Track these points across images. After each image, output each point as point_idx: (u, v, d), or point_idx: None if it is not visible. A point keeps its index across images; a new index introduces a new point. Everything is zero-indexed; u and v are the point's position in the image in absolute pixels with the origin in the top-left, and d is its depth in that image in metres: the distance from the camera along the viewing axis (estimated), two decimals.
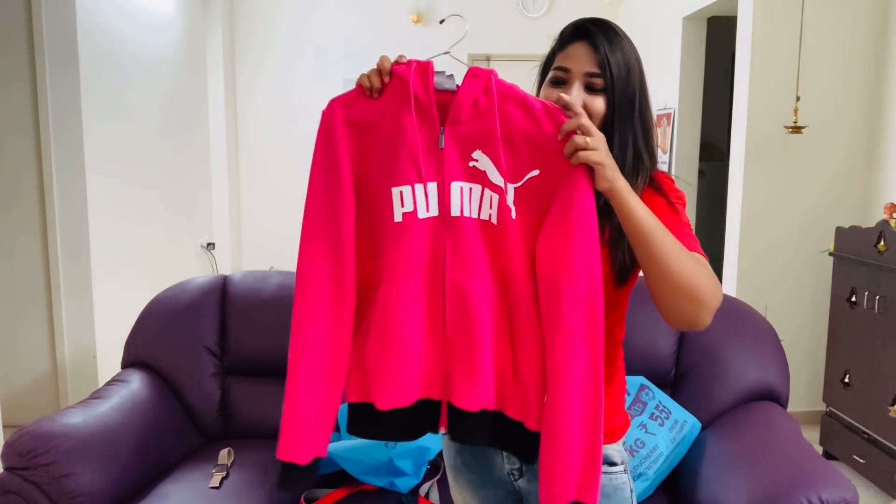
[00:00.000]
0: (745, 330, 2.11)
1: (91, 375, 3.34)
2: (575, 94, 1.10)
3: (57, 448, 1.73)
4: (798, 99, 3.23)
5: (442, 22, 1.26)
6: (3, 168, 3.31)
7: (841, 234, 3.06)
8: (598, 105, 1.11)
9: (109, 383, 2.12)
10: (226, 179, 5.16)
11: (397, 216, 1.05)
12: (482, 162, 1.04)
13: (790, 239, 3.45)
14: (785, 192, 3.43)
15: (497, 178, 1.04)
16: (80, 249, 3.35)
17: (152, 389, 2.12)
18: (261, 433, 2.17)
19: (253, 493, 1.88)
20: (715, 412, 2.03)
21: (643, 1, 4.81)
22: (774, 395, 2.04)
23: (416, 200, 1.05)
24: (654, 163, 1.16)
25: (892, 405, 2.69)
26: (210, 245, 4.89)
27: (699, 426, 1.99)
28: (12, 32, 3.23)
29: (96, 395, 2.03)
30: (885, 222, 2.80)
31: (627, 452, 1.93)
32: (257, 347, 2.25)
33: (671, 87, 4.29)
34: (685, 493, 1.87)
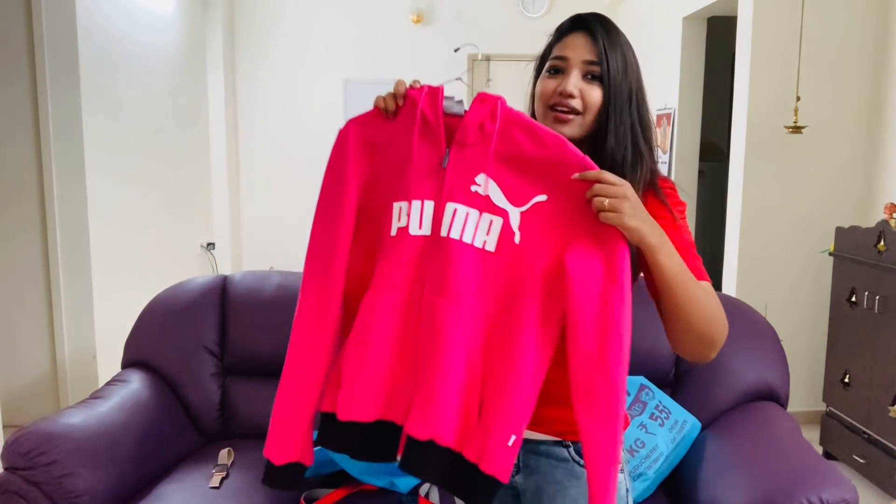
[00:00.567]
0: (745, 330, 2.10)
1: (91, 375, 3.34)
2: (573, 81, 1.12)
3: (57, 448, 1.73)
4: (798, 99, 3.23)
5: (457, 51, 1.30)
6: (3, 168, 3.31)
7: (841, 234, 3.06)
8: (595, 94, 1.12)
9: (109, 383, 2.12)
10: (226, 179, 5.16)
11: (393, 230, 1.07)
12: (485, 185, 1.05)
13: (790, 239, 3.45)
14: (785, 192, 3.43)
15: (501, 200, 1.05)
16: (79, 249, 3.35)
17: (152, 389, 2.12)
18: (261, 433, 2.11)
19: (253, 494, 1.88)
20: (715, 412, 2.03)
21: (643, 1, 4.81)
22: (774, 395, 2.04)
23: (410, 216, 1.06)
24: (654, 161, 1.17)
25: (892, 405, 2.69)
26: (210, 245, 4.89)
27: (699, 426, 1.99)
28: (12, 33, 3.23)
29: (96, 395, 2.03)
30: (885, 222, 2.80)
31: (627, 452, 1.93)
32: (257, 347, 2.25)
33: (671, 87, 4.29)
34: (685, 493, 1.87)
